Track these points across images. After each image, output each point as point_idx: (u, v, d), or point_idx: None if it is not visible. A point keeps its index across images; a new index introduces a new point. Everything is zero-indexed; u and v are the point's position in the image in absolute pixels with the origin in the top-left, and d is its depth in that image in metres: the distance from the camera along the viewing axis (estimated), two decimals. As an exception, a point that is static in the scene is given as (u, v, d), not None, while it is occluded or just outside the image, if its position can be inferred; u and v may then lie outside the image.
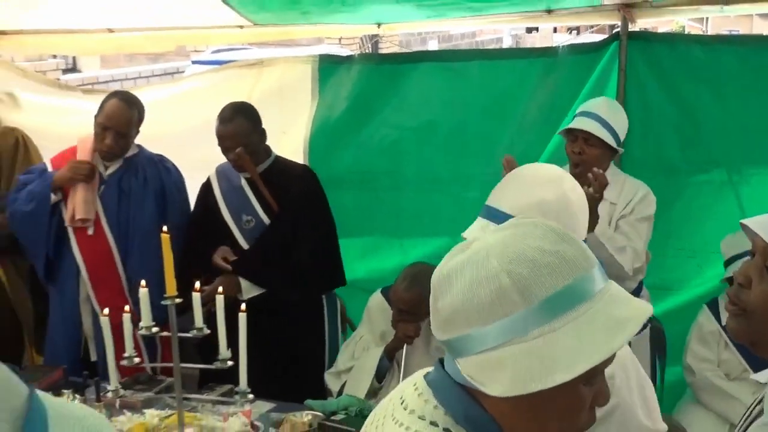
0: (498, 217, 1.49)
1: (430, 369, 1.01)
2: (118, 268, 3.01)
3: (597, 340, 0.83)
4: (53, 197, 2.91)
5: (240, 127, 2.85)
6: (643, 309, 0.90)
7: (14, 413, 0.67)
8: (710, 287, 2.89)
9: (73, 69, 8.47)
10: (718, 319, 2.66)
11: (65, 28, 3.73)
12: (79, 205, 2.86)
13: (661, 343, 2.82)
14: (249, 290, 2.84)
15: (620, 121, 2.62)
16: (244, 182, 2.92)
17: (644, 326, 2.68)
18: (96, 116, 2.93)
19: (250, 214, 2.95)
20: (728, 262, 2.68)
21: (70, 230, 2.93)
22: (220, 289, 2.22)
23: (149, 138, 3.22)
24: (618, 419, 1.35)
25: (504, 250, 0.87)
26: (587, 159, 2.54)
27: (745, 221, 1.27)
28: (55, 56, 6.78)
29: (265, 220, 2.93)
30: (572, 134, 2.61)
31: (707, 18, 6.39)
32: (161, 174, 3.12)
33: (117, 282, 3.00)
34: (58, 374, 2.63)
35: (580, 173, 2.46)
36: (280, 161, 3.02)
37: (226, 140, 2.82)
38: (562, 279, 0.84)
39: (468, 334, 0.88)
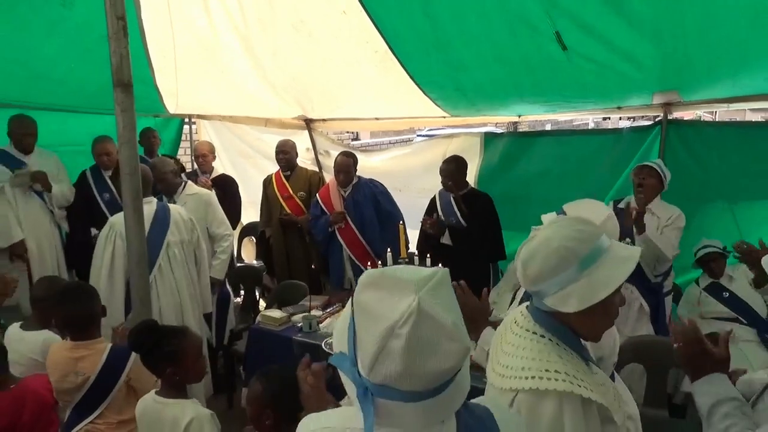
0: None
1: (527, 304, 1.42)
2: (361, 241, 4.47)
3: (616, 270, 1.27)
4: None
5: (452, 166, 4.02)
6: (635, 251, 1.33)
7: None
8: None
9: (356, 138, 12.98)
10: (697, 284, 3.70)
11: (353, 117, 5.34)
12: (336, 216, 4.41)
13: (679, 295, 3.86)
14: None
15: (667, 172, 3.47)
16: (452, 199, 4.05)
17: (671, 292, 3.61)
18: (333, 166, 4.48)
19: (453, 216, 4.05)
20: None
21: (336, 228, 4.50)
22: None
23: (392, 174, 4.89)
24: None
25: (556, 236, 1.32)
26: (647, 184, 3.38)
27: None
28: (348, 132, 9.76)
29: (462, 221, 3.99)
30: (640, 169, 3.44)
31: (716, 111, 7.09)
32: (373, 189, 4.46)
33: (362, 247, 4.49)
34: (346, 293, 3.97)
35: (641, 191, 3.38)
36: (473, 190, 4.14)
37: (444, 174, 4.01)
38: (588, 245, 1.29)
39: (546, 284, 1.30)
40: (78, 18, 3.11)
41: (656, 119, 4.07)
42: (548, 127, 9.92)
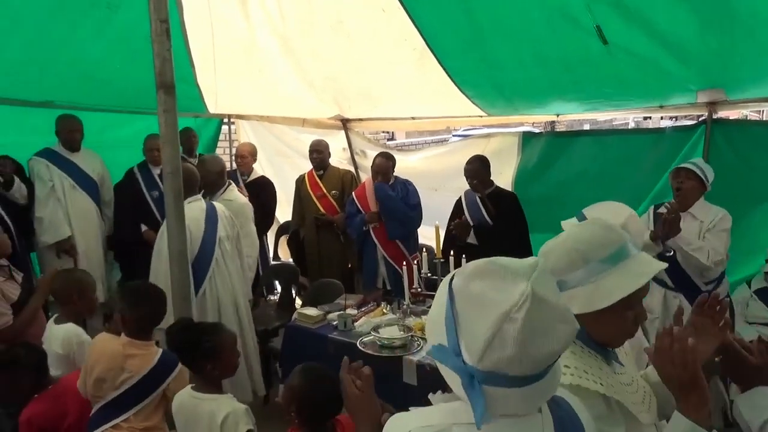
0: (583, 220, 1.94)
1: None
2: (395, 241, 4.47)
3: (623, 284, 1.25)
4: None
5: (477, 166, 4.07)
6: (654, 267, 1.29)
7: None
8: (751, 269, 3.63)
9: (392, 138, 13.08)
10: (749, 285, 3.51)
11: (389, 117, 5.41)
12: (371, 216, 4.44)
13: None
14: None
15: (708, 171, 3.32)
16: (477, 199, 4.10)
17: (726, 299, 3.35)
18: (371, 166, 4.52)
19: (479, 216, 4.08)
20: None
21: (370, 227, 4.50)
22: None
23: (428, 174, 4.92)
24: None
25: (572, 236, 1.34)
26: (684, 188, 3.26)
27: None
28: (384, 131, 9.92)
29: (488, 220, 4.03)
30: (678, 171, 3.31)
31: (763, 110, 6.74)
32: (406, 186, 4.52)
33: (396, 247, 4.47)
34: (380, 292, 4.07)
35: (679, 196, 3.28)
36: (498, 188, 4.17)
37: (468, 174, 4.08)
38: (602, 251, 1.28)
39: (558, 281, 1.22)
40: (123, 20, 3.20)
41: (700, 118, 3.97)
42: (586, 127, 9.72)
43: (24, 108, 3.97)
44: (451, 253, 3.64)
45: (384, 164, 4.45)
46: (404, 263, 4.33)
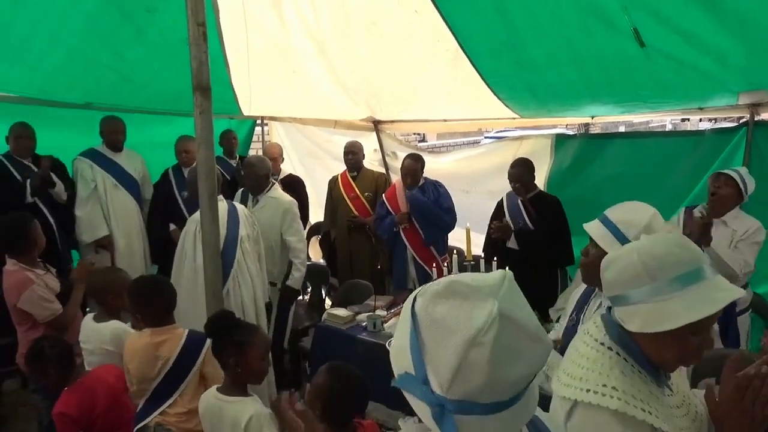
0: (607, 222, 1.86)
1: (604, 312, 1.35)
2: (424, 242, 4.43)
3: (694, 308, 1.15)
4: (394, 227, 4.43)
5: (521, 170, 3.97)
6: (730, 293, 1.17)
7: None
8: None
9: (423, 140, 13.09)
10: None
11: (421, 119, 5.44)
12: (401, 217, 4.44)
13: (765, 310, 3.55)
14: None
15: (749, 182, 3.24)
16: (519, 202, 4.00)
17: (747, 309, 3.29)
18: (401, 168, 4.46)
19: (521, 219, 4.00)
20: None
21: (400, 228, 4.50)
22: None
23: (459, 176, 4.89)
24: None
25: (643, 250, 1.24)
26: (720, 193, 3.20)
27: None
28: (416, 133, 9.92)
29: (529, 224, 3.93)
30: (717, 176, 3.24)
31: None
32: (437, 189, 4.47)
33: (426, 249, 4.42)
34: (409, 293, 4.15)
35: (713, 201, 3.21)
36: (541, 192, 4.08)
37: (512, 178, 3.95)
38: (672, 270, 1.19)
39: (619, 295, 1.25)
40: (161, 23, 3.27)
41: (741, 120, 3.88)
42: (622, 129, 9.56)
43: (66, 110, 4.10)
44: (495, 259, 3.61)
45: (413, 165, 4.43)
46: (434, 265, 4.33)
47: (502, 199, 4.20)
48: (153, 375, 2.43)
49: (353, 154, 4.89)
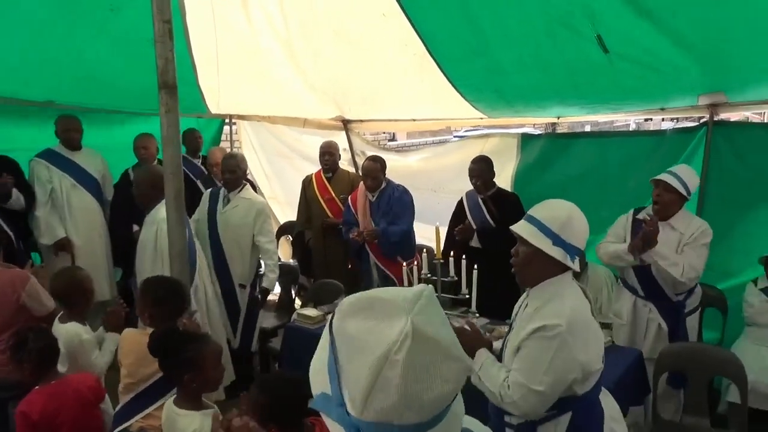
0: (533, 220, 1.95)
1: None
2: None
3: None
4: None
5: (482, 165, 3.98)
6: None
7: None
8: (754, 271, 3.58)
9: (393, 139, 13.18)
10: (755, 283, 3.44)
11: (390, 118, 5.45)
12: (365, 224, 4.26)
13: (724, 304, 3.67)
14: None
15: (692, 180, 3.15)
16: (480, 200, 4.02)
17: (696, 309, 3.30)
18: (361, 170, 4.34)
19: (482, 218, 3.99)
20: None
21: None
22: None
23: (426, 175, 4.90)
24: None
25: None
26: (662, 201, 3.14)
27: None
28: (384, 132, 9.80)
29: (491, 222, 3.94)
30: (656, 183, 3.18)
31: (765, 112, 6.66)
32: (400, 194, 4.30)
33: (385, 257, 4.28)
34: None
35: (656, 209, 3.16)
36: (500, 190, 4.08)
37: (472, 173, 3.94)
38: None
39: None
40: (125, 22, 3.21)
41: (701, 120, 3.97)
42: (587, 128, 9.76)
43: (25, 108, 4.01)
44: (451, 254, 3.60)
45: (371, 167, 4.30)
46: (395, 270, 4.20)
47: (462, 198, 4.17)
48: (148, 374, 2.38)
49: (330, 155, 4.71)
